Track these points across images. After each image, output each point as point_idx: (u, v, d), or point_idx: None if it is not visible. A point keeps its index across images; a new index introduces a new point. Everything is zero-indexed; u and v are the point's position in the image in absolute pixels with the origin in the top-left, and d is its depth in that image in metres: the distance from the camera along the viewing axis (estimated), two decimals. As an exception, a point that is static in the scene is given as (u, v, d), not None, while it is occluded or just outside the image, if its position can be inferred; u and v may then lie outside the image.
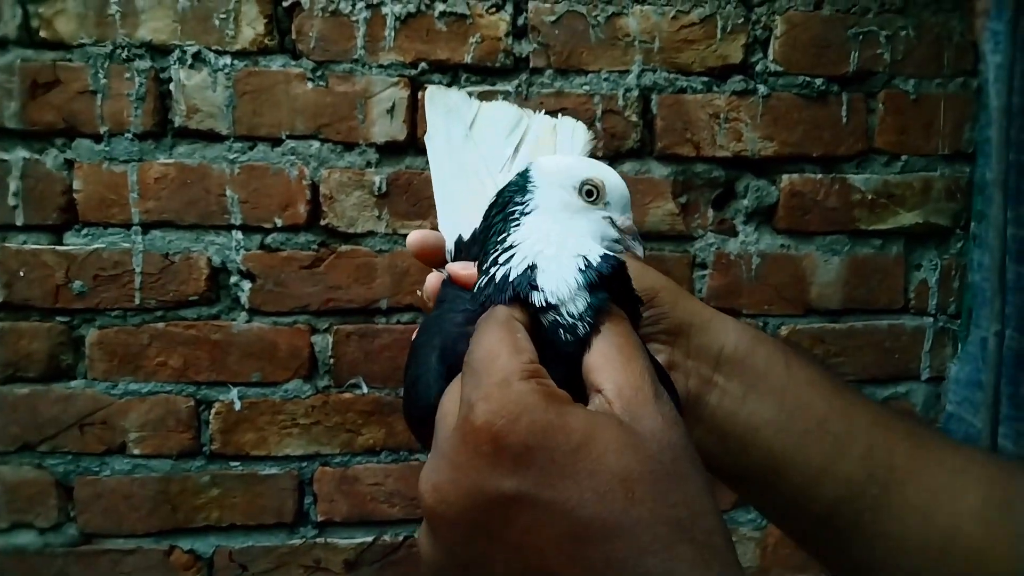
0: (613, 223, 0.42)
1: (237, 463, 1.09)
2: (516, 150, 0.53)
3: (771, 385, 0.50)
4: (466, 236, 0.50)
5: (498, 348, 0.35)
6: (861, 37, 1.09)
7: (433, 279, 0.49)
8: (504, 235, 0.41)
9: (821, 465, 0.49)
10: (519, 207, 0.42)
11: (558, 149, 0.53)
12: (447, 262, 0.50)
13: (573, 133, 0.54)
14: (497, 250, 0.40)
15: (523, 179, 0.43)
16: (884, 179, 1.12)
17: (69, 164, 1.02)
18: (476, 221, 0.47)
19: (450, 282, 0.45)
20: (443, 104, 0.55)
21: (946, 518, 0.48)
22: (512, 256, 0.39)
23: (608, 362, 0.36)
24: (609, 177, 0.42)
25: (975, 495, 0.48)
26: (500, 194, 0.43)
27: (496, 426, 0.32)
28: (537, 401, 0.33)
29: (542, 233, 0.40)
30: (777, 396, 0.50)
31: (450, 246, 0.51)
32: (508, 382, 0.33)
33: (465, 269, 0.45)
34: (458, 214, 0.51)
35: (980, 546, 0.47)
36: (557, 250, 0.39)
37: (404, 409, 0.44)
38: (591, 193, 0.41)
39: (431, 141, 0.55)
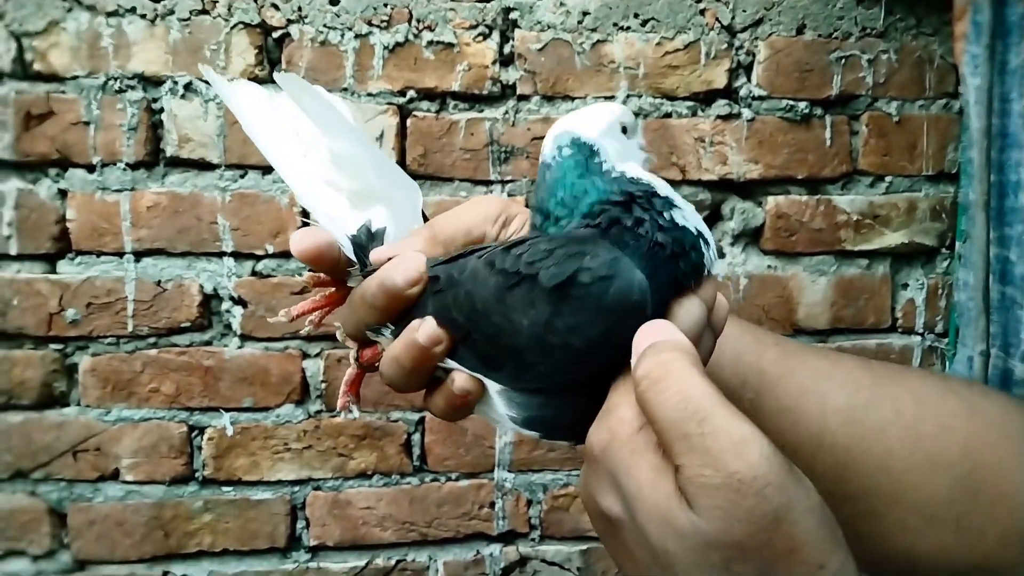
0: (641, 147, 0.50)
1: (230, 488, 1.09)
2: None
3: None
4: (374, 227, 0.46)
5: (730, 418, 0.33)
6: (843, 61, 1.10)
7: (419, 263, 0.43)
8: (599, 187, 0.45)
9: None
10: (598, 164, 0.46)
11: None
12: (346, 261, 0.46)
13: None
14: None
15: (577, 147, 0.45)
16: (869, 200, 1.13)
17: (62, 194, 1.03)
18: (365, 212, 0.45)
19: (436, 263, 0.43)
20: (249, 94, 0.49)
21: (814, 418, 0.51)
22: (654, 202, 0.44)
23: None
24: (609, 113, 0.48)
25: (840, 395, 0.51)
26: (558, 167, 0.45)
27: (786, 518, 0.31)
28: (795, 476, 0.32)
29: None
30: None
31: (346, 243, 0.46)
32: (771, 459, 0.31)
33: (429, 248, 0.44)
34: (343, 207, 0.46)
35: (846, 443, 0.50)
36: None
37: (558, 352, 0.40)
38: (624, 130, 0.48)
39: (260, 140, 0.48)
